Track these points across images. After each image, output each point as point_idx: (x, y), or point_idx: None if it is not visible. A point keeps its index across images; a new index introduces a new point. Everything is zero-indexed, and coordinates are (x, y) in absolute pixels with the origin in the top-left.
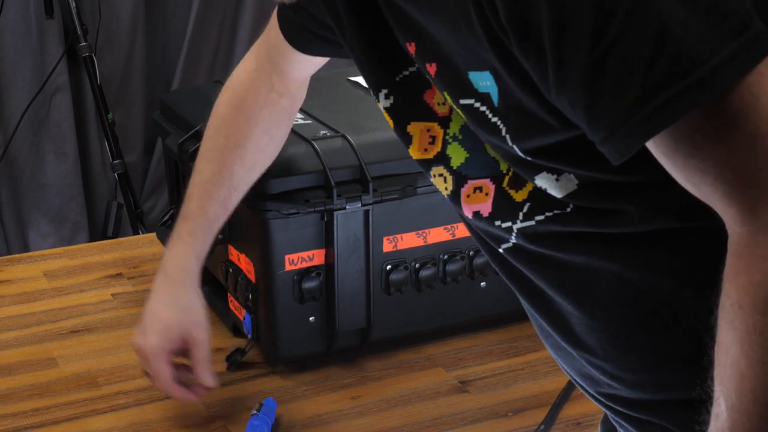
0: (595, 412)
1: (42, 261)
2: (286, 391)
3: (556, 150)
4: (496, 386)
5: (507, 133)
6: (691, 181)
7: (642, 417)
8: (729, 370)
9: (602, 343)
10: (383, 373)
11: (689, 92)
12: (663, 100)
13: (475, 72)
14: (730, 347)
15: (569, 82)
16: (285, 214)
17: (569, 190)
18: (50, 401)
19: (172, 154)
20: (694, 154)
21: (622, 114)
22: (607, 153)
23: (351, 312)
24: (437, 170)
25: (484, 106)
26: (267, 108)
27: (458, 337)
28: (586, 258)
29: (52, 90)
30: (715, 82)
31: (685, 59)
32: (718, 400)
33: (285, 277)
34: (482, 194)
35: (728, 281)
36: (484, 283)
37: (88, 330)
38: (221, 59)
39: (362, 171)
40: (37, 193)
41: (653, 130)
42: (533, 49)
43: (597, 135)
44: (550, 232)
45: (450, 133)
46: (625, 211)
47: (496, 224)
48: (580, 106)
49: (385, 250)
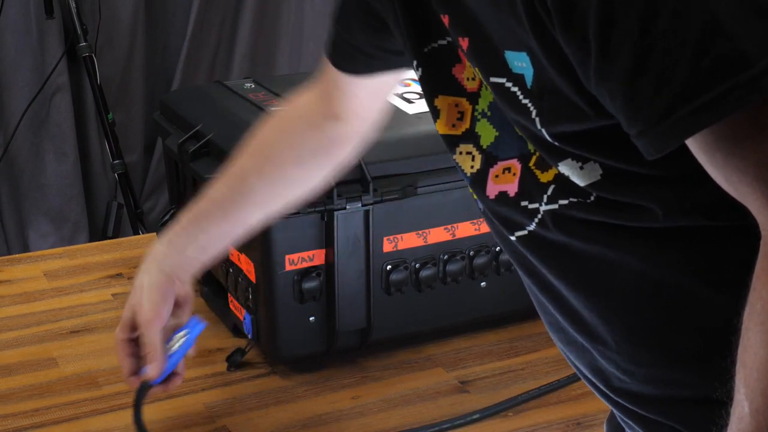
0: (596, 412)
1: (42, 261)
2: (286, 391)
3: (584, 137)
4: (497, 386)
5: (537, 116)
6: (729, 180)
7: (650, 416)
8: (756, 372)
9: (615, 336)
10: (383, 373)
11: (736, 92)
12: (708, 99)
13: (512, 52)
14: (759, 349)
15: (611, 73)
16: (285, 215)
17: (593, 180)
18: (50, 401)
19: (172, 154)
20: (735, 152)
21: (663, 109)
22: (642, 147)
23: (351, 312)
24: (465, 148)
25: (516, 87)
26: (310, 133)
27: (458, 337)
28: (606, 249)
29: (52, 90)
30: (764, 83)
31: (734, 57)
32: (741, 403)
33: (285, 277)
34: (510, 174)
35: (760, 282)
36: (485, 283)
37: (88, 330)
38: (221, 59)
39: (362, 171)
40: (37, 194)
41: (694, 129)
42: (577, 36)
43: (634, 128)
44: (572, 218)
45: (479, 109)
46: (649, 206)
47: (522, 205)
48: (620, 98)
49: (385, 250)
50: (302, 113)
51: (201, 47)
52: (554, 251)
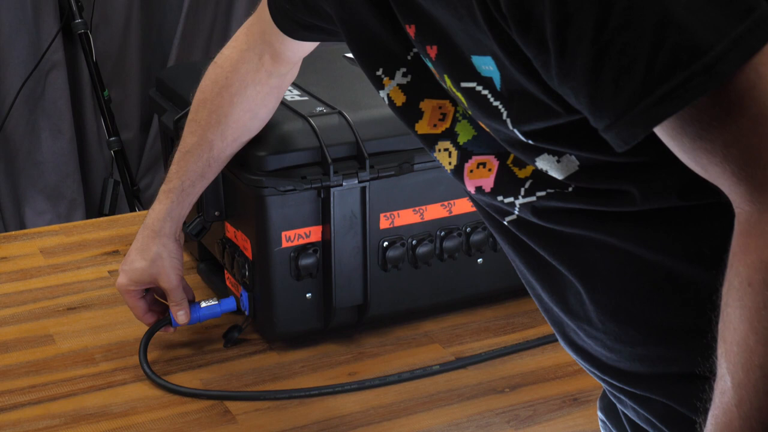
0: (592, 388)
1: (38, 238)
2: (282, 368)
3: (557, 132)
4: (493, 362)
5: (508, 117)
6: (699, 163)
7: (639, 392)
8: (736, 347)
9: (601, 315)
10: (380, 349)
11: (695, 79)
12: (668, 89)
13: (478, 56)
14: (738, 324)
15: (572, 72)
16: (282, 191)
17: (570, 172)
18: (47, 378)
19: (168, 130)
20: (702, 135)
21: (625, 103)
22: (610, 140)
23: (348, 289)
24: (443, 145)
25: (486, 90)
26: (252, 87)
27: (455, 314)
28: (588, 232)
29: (47, 67)
30: (721, 67)
31: (689, 46)
32: (724, 378)
33: (282, 254)
34: (485, 170)
35: (737, 259)
36: (481, 260)
37: (84, 307)
38: (217, 36)
39: (359, 148)
40: (33, 171)
41: (658, 119)
42: (535, 38)
43: (600, 123)
44: (551, 208)
45: (460, 110)
46: (626, 191)
47: (498, 199)
48: (583, 95)
49: (381, 226)
50: (242, 72)
51: (197, 23)
52: (542, 233)
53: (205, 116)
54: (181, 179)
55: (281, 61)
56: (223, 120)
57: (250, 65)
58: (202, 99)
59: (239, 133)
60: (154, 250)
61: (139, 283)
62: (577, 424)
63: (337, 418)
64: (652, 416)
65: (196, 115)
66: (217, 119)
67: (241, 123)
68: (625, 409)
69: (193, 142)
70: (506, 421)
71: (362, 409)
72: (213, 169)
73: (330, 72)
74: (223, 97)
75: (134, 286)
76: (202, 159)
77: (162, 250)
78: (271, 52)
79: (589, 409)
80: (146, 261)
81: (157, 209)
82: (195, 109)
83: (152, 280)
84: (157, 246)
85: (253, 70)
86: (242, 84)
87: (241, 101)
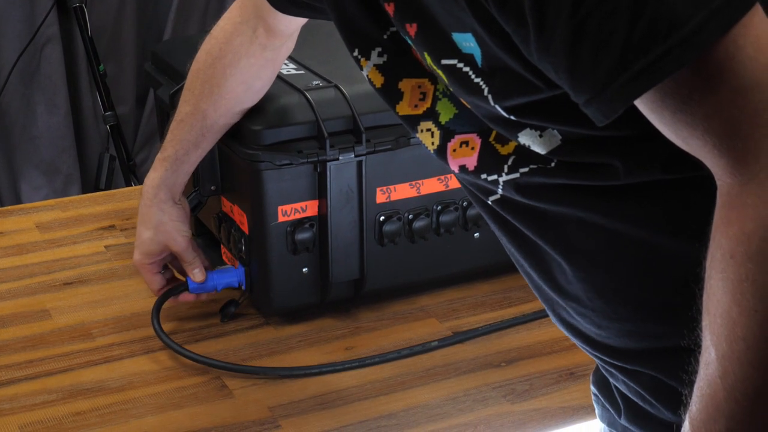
0: (588, 362)
1: (34, 213)
2: (279, 343)
3: (539, 108)
4: (490, 337)
5: (489, 93)
6: (680, 136)
7: (628, 366)
8: (720, 319)
9: (587, 292)
10: (377, 324)
11: (673, 52)
12: (647, 62)
13: (458, 33)
14: (721, 297)
15: (551, 47)
16: (278, 165)
17: (553, 146)
18: (44, 353)
19: (164, 105)
20: (682, 108)
21: (605, 77)
22: (591, 114)
23: (344, 263)
24: (425, 125)
25: (467, 67)
26: (246, 59)
27: (452, 288)
28: (572, 209)
29: (42, 41)
30: (700, 39)
31: (667, 18)
32: (708, 350)
33: (278, 229)
34: (468, 148)
35: (719, 232)
36: (478, 234)
37: (81, 282)
38: (213, 9)
39: (355, 122)
40: (28, 146)
41: (637, 92)
42: (513, 14)
43: (581, 97)
44: (535, 184)
45: (440, 88)
46: (609, 165)
47: (482, 177)
48: (563, 70)
49: (378, 201)
50: (237, 44)
51: None
52: (527, 211)
53: (199, 86)
54: (175, 148)
55: (275, 35)
56: (216, 90)
57: (244, 37)
58: (196, 69)
59: (232, 104)
60: (154, 217)
61: (151, 255)
62: (573, 398)
63: (334, 392)
64: (642, 389)
65: (191, 84)
66: (209, 89)
67: (234, 94)
68: (617, 383)
69: (186, 111)
70: (503, 395)
71: (359, 383)
72: (208, 139)
73: (326, 46)
74: (216, 68)
75: (148, 259)
76: (195, 128)
77: (161, 215)
78: (264, 26)
79: (585, 384)
80: (150, 230)
81: (152, 177)
82: (190, 78)
83: (162, 247)
84: (156, 212)
85: (246, 43)
86: (236, 56)
87: (234, 72)
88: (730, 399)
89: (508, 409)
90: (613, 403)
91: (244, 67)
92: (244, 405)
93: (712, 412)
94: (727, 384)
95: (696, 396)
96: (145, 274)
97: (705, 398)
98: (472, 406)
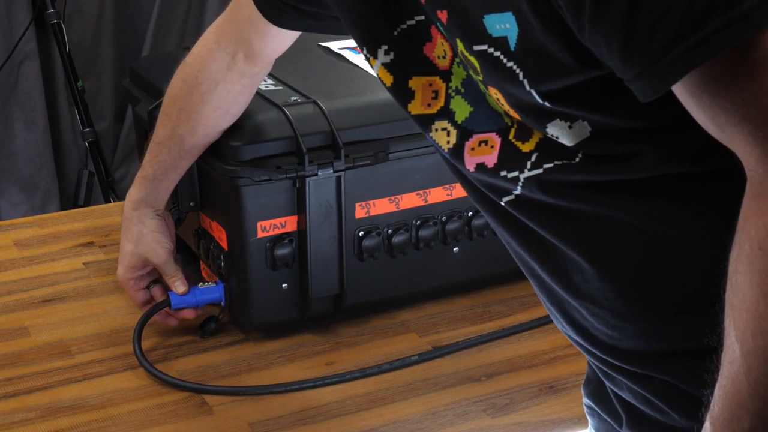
0: (568, 376)
1: (13, 230)
2: (259, 358)
3: (573, 93)
4: (470, 351)
5: (525, 77)
6: (716, 122)
7: (639, 371)
8: (745, 314)
9: (606, 292)
10: (357, 339)
11: (732, 26)
12: (703, 35)
13: (493, 14)
14: (748, 290)
15: (607, 16)
16: (257, 181)
17: (582, 138)
18: (22, 371)
19: (142, 121)
20: (723, 93)
21: (660, 48)
22: (638, 90)
23: (324, 278)
24: (440, 124)
25: (498, 51)
26: (223, 85)
27: (431, 303)
28: (594, 207)
29: (20, 58)
30: (758, 16)
31: None
32: (732, 346)
33: (257, 244)
34: (487, 147)
35: (748, 222)
36: (457, 249)
37: (59, 299)
38: (191, 25)
39: (334, 137)
40: (6, 162)
41: (691, 65)
42: None
43: (631, 71)
44: (558, 181)
45: (452, 86)
46: (638, 154)
47: (502, 174)
48: (617, 41)
49: (357, 216)
50: (212, 71)
51: (171, 13)
52: (544, 211)
53: (176, 112)
54: (154, 168)
55: (255, 61)
56: (193, 116)
57: (221, 64)
58: (172, 96)
59: (210, 129)
60: (135, 230)
61: (133, 268)
62: (553, 411)
63: (315, 408)
64: (652, 395)
65: (168, 110)
66: (186, 116)
67: (212, 120)
68: (619, 390)
69: (164, 135)
70: (483, 410)
71: (339, 398)
72: (186, 160)
73: (304, 61)
74: (193, 95)
75: (130, 274)
76: (174, 151)
77: (141, 227)
78: (246, 51)
79: (565, 397)
80: (131, 243)
81: (132, 193)
82: (166, 103)
83: (143, 260)
84: (136, 225)
85: (224, 69)
86: (213, 82)
87: (210, 99)
88: (755, 396)
89: (488, 423)
90: (611, 412)
91: (221, 93)
92: (224, 422)
93: (736, 410)
94: (751, 380)
95: (718, 395)
96: (128, 290)
97: (729, 396)
98: (452, 421)
